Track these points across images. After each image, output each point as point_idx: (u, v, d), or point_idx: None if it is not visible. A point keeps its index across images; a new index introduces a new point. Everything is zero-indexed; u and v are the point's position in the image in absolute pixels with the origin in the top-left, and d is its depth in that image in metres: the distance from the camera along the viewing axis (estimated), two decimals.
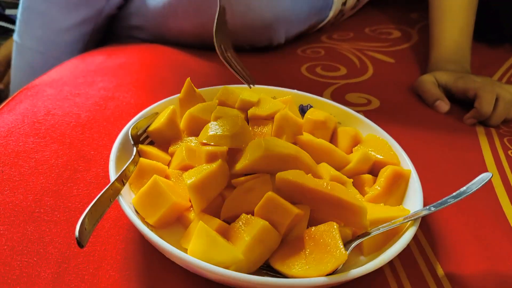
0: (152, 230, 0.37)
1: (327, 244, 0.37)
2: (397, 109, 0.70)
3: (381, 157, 0.49)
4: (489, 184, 0.54)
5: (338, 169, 0.47)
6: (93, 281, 0.37)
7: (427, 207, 0.41)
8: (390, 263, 0.42)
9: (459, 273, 0.42)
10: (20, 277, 0.37)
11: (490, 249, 0.44)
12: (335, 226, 0.37)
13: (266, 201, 0.39)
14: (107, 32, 0.93)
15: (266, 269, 0.38)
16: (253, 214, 0.39)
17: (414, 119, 0.68)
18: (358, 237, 0.39)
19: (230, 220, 0.40)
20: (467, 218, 0.48)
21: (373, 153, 0.50)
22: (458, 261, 0.43)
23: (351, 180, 0.46)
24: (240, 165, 0.42)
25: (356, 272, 0.35)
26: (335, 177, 0.45)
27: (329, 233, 0.37)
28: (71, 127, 0.55)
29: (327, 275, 0.34)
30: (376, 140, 0.51)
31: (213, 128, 0.46)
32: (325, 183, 0.40)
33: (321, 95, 0.61)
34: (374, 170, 0.49)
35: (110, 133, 0.55)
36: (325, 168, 0.46)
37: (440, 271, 0.41)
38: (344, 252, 0.35)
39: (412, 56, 0.92)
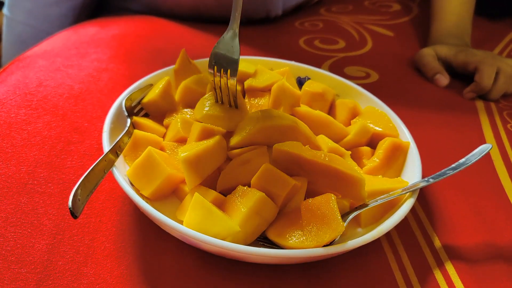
0: (147, 202, 0.36)
1: (324, 216, 0.36)
2: (396, 83, 0.69)
3: (379, 129, 0.48)
4: (487, 157, 0.54)
5: (336, 141, 0.47)
6: (88, 253, 0.37)
7: (426, 179, 0.41)
8: (388, 235, 0.42)
9: (456, 244, 0.41)
10: (14, 248, 0.37)
11: (487, 221, 0.44)
12: (332, 198, 0.37)
13: (263, 172, 0.38)
14: (99, 6, 0.91)
15: (263, 241, 0.38)
16: (249, 186, 0.39)
17: (413, 93, 0.67)
18: (356, 208, 0.39)
19: (227, 192, 0.40)
20: (465, 191, 0.48)
21: (371, 125, 0.49)
22: (455, 233, 0.43)
23: (349, 152, 0.45)
24: (237, 139, 0.42)
25: (353, 243, 0.35)
26: (333, 149, 0.44)
27: (327, 204, 0.37)
28: (64, 98, 0.54)
29: (324, 246, 0.34)
30: (375, 112, 0.51)
31: (208, 105, 0.44)
32: (323, 155, 0.39)
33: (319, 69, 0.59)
34: (373, 142, 0.48)
35: (104, 105, 0.54)
36: (323, 140, 0.45)
37: (437, 243, 0.41)
38: (341, 223, 0.35)
39: (412, 29, 0.90)
